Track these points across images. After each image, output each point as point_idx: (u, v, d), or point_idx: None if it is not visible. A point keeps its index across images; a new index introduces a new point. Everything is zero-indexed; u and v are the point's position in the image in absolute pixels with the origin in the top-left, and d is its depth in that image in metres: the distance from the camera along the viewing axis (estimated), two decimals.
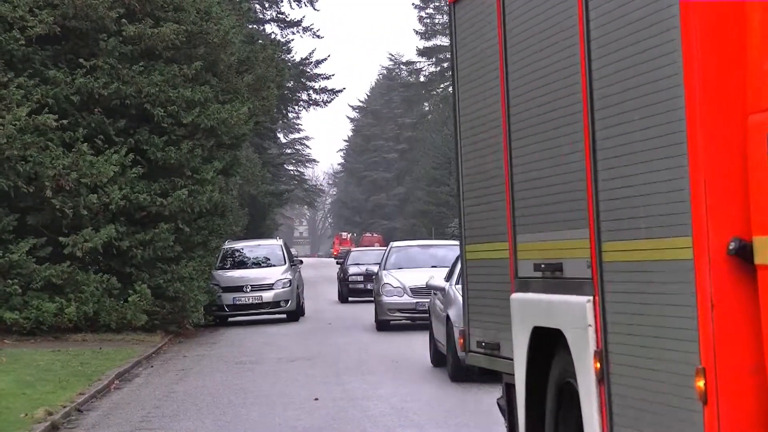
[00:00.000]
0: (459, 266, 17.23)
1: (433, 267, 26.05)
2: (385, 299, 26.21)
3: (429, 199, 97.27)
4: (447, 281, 17.73)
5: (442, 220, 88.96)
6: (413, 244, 32.10)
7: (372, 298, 30.55)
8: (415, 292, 25.27)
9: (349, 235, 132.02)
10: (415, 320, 25.55)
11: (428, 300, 24.60)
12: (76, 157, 24.03)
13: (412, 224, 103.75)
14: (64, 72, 24.98)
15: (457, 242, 30.49)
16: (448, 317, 16.40)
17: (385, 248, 45.05)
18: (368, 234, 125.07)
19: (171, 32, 25.48)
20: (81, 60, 25.15)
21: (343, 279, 40.40)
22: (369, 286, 34.15)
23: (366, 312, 29.69)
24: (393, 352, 21.50)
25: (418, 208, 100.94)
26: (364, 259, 40.89)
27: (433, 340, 18.65)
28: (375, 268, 30.63)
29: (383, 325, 26.67)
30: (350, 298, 39.14)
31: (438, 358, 18.15)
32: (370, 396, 15.37)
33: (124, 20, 25.29)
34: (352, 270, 40.00)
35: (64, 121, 24.28)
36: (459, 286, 16.05)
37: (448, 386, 16.08)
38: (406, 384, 16.58)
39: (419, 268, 26.62)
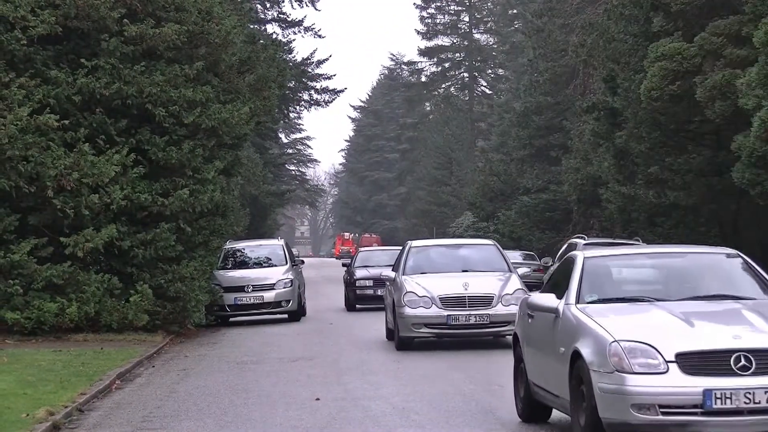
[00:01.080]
0: (581, 275, 11.75)
1: (464, 271, 22.21)
2: (409, 311, 21.01)
3: (430, 199, 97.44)
4: (560, 299, 11.70)
5: (443, 219, 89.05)
6: (436, 243, 26.10)
7: (383, 306, 28.88)
8: (447, 303, 20.92)
9: (351, 236, 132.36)
10: (444, 337, 21.51)
11: (464, 313, 20.91)
12: (77, 157, 24.03)
13: (413, 224, 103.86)
14: (66, 72, 24.97)
15: (489, 241, 25.30)
16: (576, 355, 10.67)
17: (390, 248, 40.26)
18: (367, 234, 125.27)
19: (172, 32, 25.48)
20: (82, 60, 25.15)
21: (350, 283, 35.38)
22: (380, 292, 30.27)
23: (379, 322, 26.53)
24: (395, 352, 21.50)
25: (419, 208, 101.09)
26: (373, 260, 36.29)
27: (524, 384, 12.78)
28: (387, 272, 26.35)
29: (405, 343, 21.67)
30: (358, 306, 34.78)
31: (538, 412, 12.74)
32: (371, 396, 15.36)
33: (125, 20, 25.29)
34: (359, 273, 35.04)
35: (66, 122, 24.28)
36: (589, 307, 11.20)
37: (449, 386, 16.07)
38: (407, 384, 16.58)
39: (447, 273, 22.21)
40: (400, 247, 40.81)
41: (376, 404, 14.56)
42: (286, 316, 30.91)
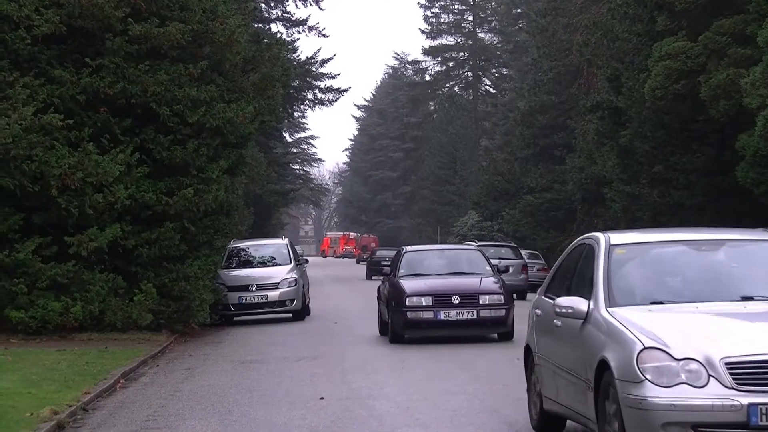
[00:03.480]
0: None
1: (744, 299, 10.10)
2: (659, 395, 8.84)
3: (434, 198, 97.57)
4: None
5: (448, 219, 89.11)
6: (668, 238, 11.52)
7: (448, 336, 22.21)
8: (745, 375, 8.80)
9: (355, 235, 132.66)
10: None
11: None
12: (81, 157, 24.04)
13: (417, 223, 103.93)
14: (70, 71, 24.98)
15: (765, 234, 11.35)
16: None
17: (446, 247, 30.61)
18: (366, 235, 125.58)
19: (177, 31, 25.48)
20: (87, 59, 25.16)
21: (395, 301, 22.89)
22: (444, 316, 22.14)
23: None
24: (399, 351, 21.47)
25: (423, 207, 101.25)
26: (424, 265, 24.77)
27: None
28: (569, 299, 11.79)
29: None
30: (407, 335, 22.98)
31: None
32: (375, 395, 15.36)
33: (129, 19, 25.29)
34: (410, 286, 22.97)
35: (70, 121, 24.28)
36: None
37: (453, 386, 16.07)
38: (412, 383, 16.57)
39: (714, 302, 10.04)
40: (457, 246, 30.02)
41: (380, 403, 14.55)
42: (290, 315, 30.93)
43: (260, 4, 64.37)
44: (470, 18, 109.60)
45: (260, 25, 61.75)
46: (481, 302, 22.18)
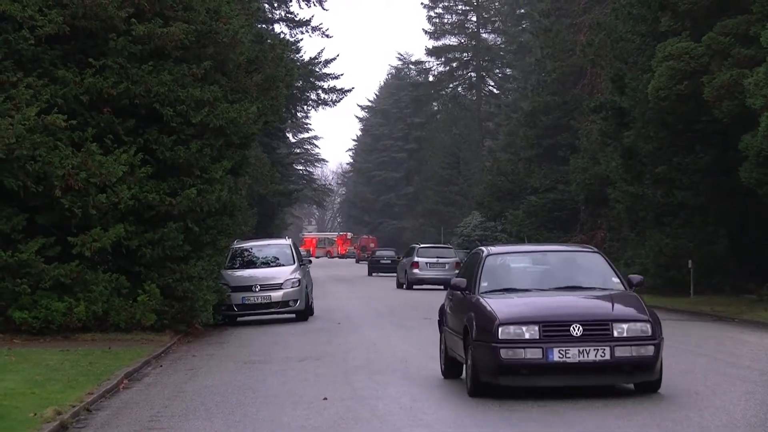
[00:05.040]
0: None
1: None
2: None
3: (438, 199, 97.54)
4: None
5: (451, 219, 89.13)
6: None
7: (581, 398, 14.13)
8: None
9: (352, 236, 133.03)
10: None
11: None
12: (85, 157, 24.04)
13: (420, 224, 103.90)
14: (74, 72, 24.99)
15: None
16: None
17: (547, 248, 17.83)
18: (365, 236, 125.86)
19: (180, 32, 25.48)
20: (90, 59, 25.16)
21: (476, 332, 14.48)
22: (559, 356, 13.92)
23: None
24: (402, 351, 21.46)
25: (427, 208, 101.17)
26: (517, 277, 16.11)
27: None
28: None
29: None
30: (501, 383, 14.32)
31: None
32: (379, 395, 15.35)
33: (133, 20, 25.29)
34: (503, 309, 14.50)
35: (74, 121, 24.29)
36: None
37: (457, 386, 16.06)
38: (415, 383, 16.56)
39: None
40: (566, 247, 20.50)
41: (383, 403, 14.54)
42: (293, 315, 30.92)
43: (264, 5, 64.38)
44: (473, 18, 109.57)
45: (264, 26, 61.77)
46: (616, 334, 14.16)
